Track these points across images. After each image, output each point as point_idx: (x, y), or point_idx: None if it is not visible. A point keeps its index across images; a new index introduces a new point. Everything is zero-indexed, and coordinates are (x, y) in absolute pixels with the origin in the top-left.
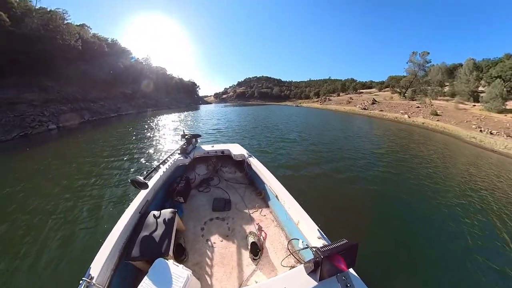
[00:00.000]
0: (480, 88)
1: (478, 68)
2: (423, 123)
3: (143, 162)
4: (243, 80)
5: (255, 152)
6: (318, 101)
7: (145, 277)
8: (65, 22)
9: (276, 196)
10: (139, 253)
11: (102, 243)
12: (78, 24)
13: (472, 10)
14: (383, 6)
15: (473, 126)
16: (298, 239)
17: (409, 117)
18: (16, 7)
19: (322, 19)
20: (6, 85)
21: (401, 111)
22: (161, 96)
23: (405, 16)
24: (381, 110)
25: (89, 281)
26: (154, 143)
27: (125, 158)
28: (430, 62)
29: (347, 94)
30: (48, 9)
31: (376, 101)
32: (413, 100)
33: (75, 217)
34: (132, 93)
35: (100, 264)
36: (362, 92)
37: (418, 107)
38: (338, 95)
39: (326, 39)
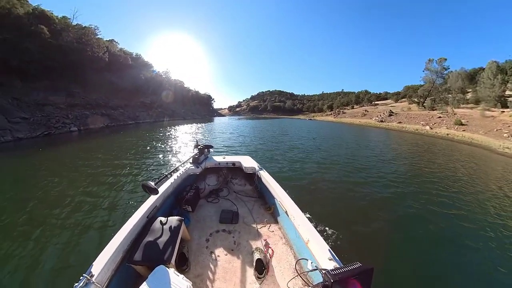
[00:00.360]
0: (508, 92)
1: (502, 70)
2: (447, 134)
3: (155, 168)
4: (256, 94)
5: (267, 164)
6: (331, 114)
7: (144, 283)
8: (96, 36)
9: (286, 212)
10: (141, 258)
11: (108, 243)
12: (108, 39)
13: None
14: (395, 17)
15: (505, 135)
16: (307, 259)
17: (431, 128)
18: (56, 23)
19: (334, 33)
20: (38, 88)
21: (421, 122)
22: (177, 107)
23: (416, 23)
24: (400, 122)
25: (89, 278)
26: (167, 151)
27: (137, 163)
28: (449, 68)
29: (361, 107)
30: (83, 25)
31: (393, 112)
32: (433, 110)
33: (86, 213)
34: (151, 103)
35: (102, 263)
36: (377, 104)
37: (440, 117)
38: (352, 107)
39: (339, 52)
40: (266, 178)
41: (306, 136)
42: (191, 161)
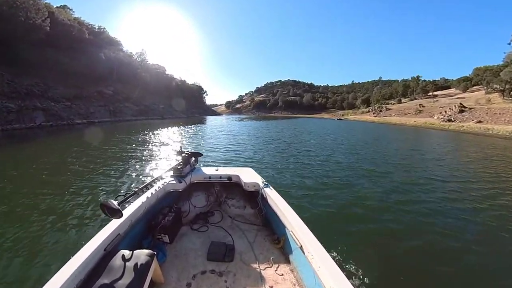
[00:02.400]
0: None
1: None
2: None
3: (121, 182)
4: (263, 85)
5: (275, 175)
6: (370, 111)
7: None
8: None
9: (301, 247)
10: None
11: None
12: (59, 5)
13: None
14: None
15: None
16: None
17: None
18: None
19: (368, 5)
20: None
21: None
22: (154, 101)
23: None
24: (480, 121)
25: None
26: (138, 158)
27: (96, 174)
28: None
29: (412, 100)
30: None
31: (465, 107)
32: None
33: (6, 257)
34: (113, 94)
35: None
36: (436, 95)
37: None
38: (399, 101)
39: (375, 27)
40: (274, 198)
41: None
42: (172, 174)
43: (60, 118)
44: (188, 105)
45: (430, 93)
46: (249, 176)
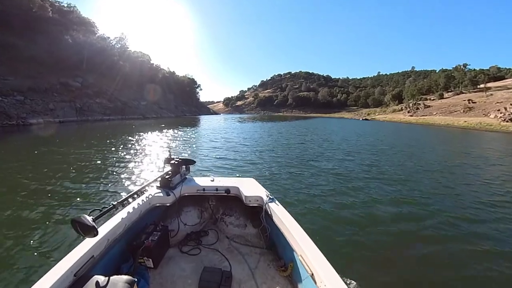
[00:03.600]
0: None
1: None
2: None
3: (97, 193)
4: (269, 78)
5: (285, 187)
6: (403, 109)
7: None
8: None
9: (312, 276)
10: None
11: None
12: None
13: None
14: None
15: None
16: None
17: None
18: None
19: None
20: None
21: None
22: (134, 97)
23: None
24: None
25: None
26: (118, 164)
27: (64, 185)
28: None
29: (458, 94)
30: None
31: None
32: None
33: None
34: (82, 88)
35: None
36: (488, 88)
37: None
38: (441, 96)
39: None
40: (281, 215)
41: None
42: (158, 185)
43: (8, 117)
44: (178, 101)
45: (481, 85)
46: (251, 188)
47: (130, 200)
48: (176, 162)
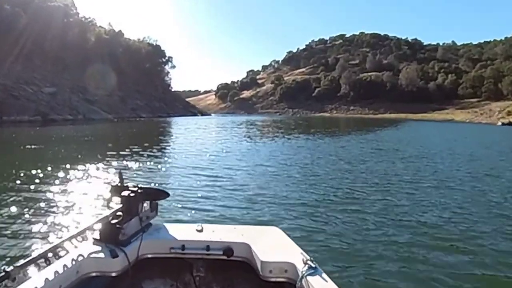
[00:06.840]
0: None
1: None
2: None
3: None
4: (303, 48)
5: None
6: None
7: None
8: None
9: None
10: None
11: None
12: None
13: None
14: None
15: None
16: None
17: None
18: None
19: None
20: None
21: None
22: (32, 78)
23: None
24: None
25: None
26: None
27: None
28: None
29: None
30: None
31: None
32: None
33: None
34: None
35: None
36: None
37: None
38: None
39: None
40: None
41: None
42: (96, 237)
43: None
44: (127, 89)
45: None
46: (273, 247)
47: (40, 264)
48: (132, 195)
